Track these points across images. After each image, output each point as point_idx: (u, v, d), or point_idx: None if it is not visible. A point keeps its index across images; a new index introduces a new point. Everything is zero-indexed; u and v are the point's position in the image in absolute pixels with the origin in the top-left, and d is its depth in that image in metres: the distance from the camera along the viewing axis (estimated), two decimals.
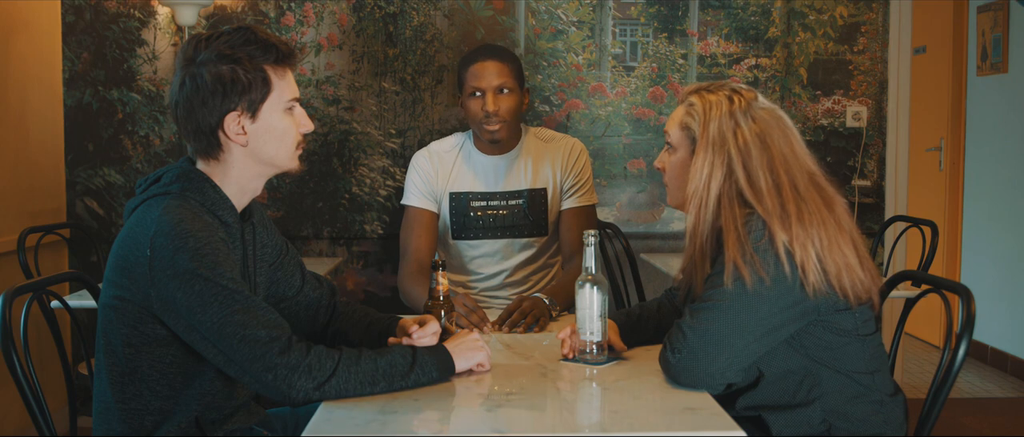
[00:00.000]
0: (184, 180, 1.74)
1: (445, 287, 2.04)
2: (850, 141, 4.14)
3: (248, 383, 1.65)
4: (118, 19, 3.97)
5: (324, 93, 4.01)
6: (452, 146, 2.82)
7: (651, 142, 4.11)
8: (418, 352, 1.74)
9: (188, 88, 1.72)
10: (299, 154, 1.82)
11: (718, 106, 1.83)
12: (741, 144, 1.80)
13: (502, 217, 2.77)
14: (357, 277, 4.07)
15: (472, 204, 2.77)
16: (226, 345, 1.61)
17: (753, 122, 1.81)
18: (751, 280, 1.69)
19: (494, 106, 2.63)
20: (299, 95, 1.81)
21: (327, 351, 1.65)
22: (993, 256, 4.96)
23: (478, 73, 2.65)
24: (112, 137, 3.99)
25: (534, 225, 2.78)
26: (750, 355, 1.73)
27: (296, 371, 1.60)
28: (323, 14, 4.01)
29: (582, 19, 4.09)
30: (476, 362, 1.81)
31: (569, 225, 2.76)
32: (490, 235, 2.78)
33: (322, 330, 2.04)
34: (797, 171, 1.80)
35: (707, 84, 1.90)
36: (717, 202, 1.80)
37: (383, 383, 1.67)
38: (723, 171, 1.80)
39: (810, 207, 1.75)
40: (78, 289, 3.33)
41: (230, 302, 1.61)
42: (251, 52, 1.72)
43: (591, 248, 1.89)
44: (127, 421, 1.71)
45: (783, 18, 4.11)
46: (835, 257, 1.73)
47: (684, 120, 1.88)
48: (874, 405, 1.81)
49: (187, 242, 1.62)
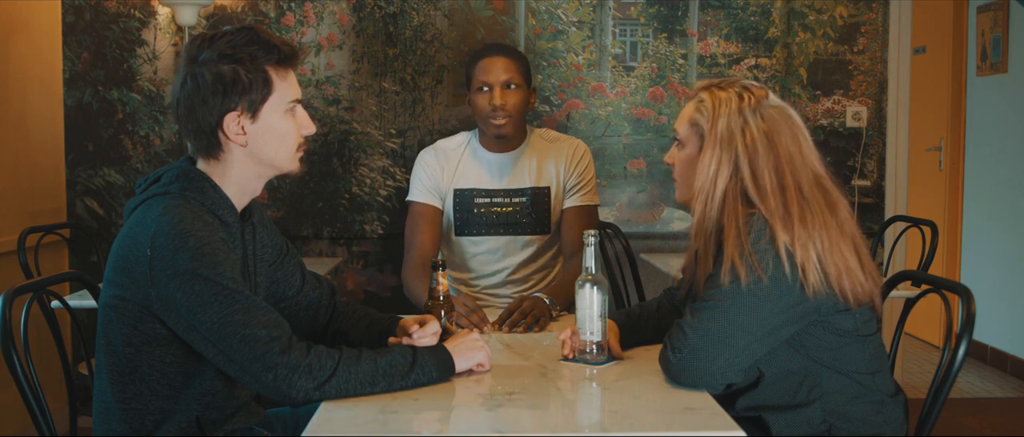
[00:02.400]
0: (184, 180, 1.73)
1: (445, 287, 2.04)
2: (850, 141, 4.14)
3: (248, 383, 1.65)
4: (118, 19, 3.97)
5: (324, 93, 4.01)
6: (458, 144, 2.84)
7: (651, 142, 4.11)
8: (418, 352, 1.74)
9: (189, 87, 1.73)
10: (300, 156, 1.82)
11: (727, 103, 1.82)
12: (748, 142, 1.79)
13: (505, 214, 2.78)
14: (357, 277, 4.07)
15: (476, 201, 2.78)
16: (226, 345, 1.61)
17: (762, 120, 1.81)
18: (747, 278, 1.69)
19: (501, 100, 2.66)
20: (301, 97, 1.81)
21: (327, 351, 1.65)
22: (993, 256, 4.96)
23: (486, 68, 2.69)
24: (112, 137, 3.99)
25: (537, 223, 2.79)
26: (751, 355, 1.73)
27: (296, 371, 1.60)
28: (323, 14, 4.01)
29: (582, 19, 4.09)
30: (476, 362, 1.81)
31: (570, 224, 2.77)
32: (492, 232, 2.79)
33: (322, 330, 2.04)
34: (802, 172, 1.79)
35: (718, 80, 1.90)
36: (722, 199, 1.79)
37: (383, 383, 1.67)
38: (730, 168, 1.80)
39: (813, 209, 1.75)
40: (78, 289, 3.33)
41: (230, 302, 1.61)
42: (253, 52, 1.72)
43: (591, 248, 1.89)
44: (127, 421, 1.71)
45: (783, 18, 4.11)
46: (836, 259, 1.73)
47: (693, 116, 1.87)
48: (874, 405, 1.81)
49: (187, 241, 1.62)
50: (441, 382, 1.76)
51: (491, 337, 2.18)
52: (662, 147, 4.08)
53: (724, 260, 1.73)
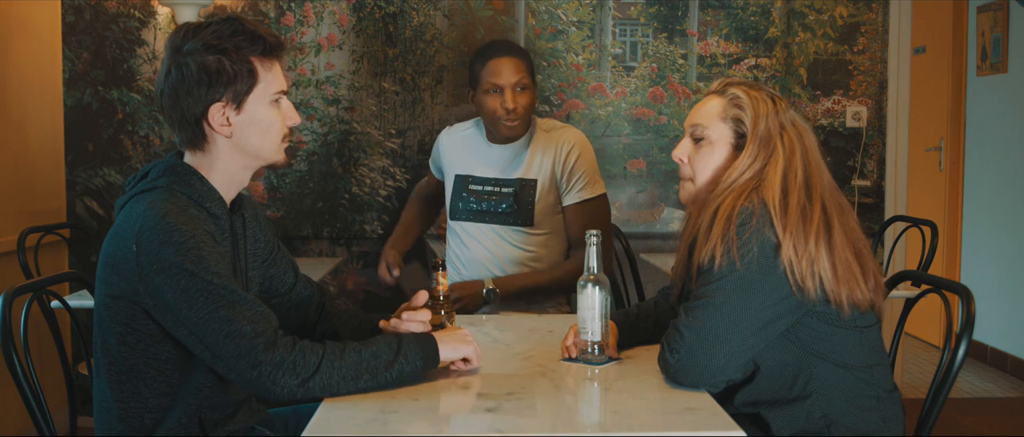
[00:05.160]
0: (170, 174, 1.73)
1: (445, 287, 2.04)
2: (850, 141, 4.14)
3: (235, 380, 1.65)
4: (118, 19, 3.97)
5: (324, 93, 4.01)
6: (466, 129, 2.94)
7: (651, 142, 4.11)
8: (403, 340, 1.73)
9: (174, 77, 1.72)
10: (285, 147, 1.82)
11: (766, 104, 1.84)
12: (787, 144, 1.80)
13: (490, 203, 2.80)
14: (357, 277, 4.07)
15: (470, 187, 2.83)
16: (212, 341, 1.61)
17: (793, 126, 1.84)
18: (721, 263, 1.69)
19: (513, 103, 2.69)
20: (287, 88, 1.81)
21: (312, 346, 1.65)
22: (993, 256, 4.96)
23: (497, 70, 2.70)
24: (112, 137, 3.99)
25: (518, 214, 2.78)
26: (748, 350, 1.73)
27: (280, 368, 1.60)
28: (323, 14, 4.01)
29: (582, 19, 4.09)
30: (462, 355, 1.79)
31: (570, 222, 2.79)
32: (480, 219, 2.82)
33: (311, 328, 2.04)
34: (825, 177, 1.82)
35: (740, 80, 1.90)
36: (728, 194, 1.79)
37: (367, 376, 1.66)
38: (759, 166, 1.80)
39: (830, 213, 1.76)
40: (78, 289, 3.33)
41: (215, 297, 1.61)
42: (238, 43, 1.72)
43: (594, 248, 1.88)
44: (126, 420, 1.71)
45: (783, 18, 4.11)
46: (838, 266, 1.73)
47: (732, 112, 1.86)
48: (871, 400, 1.81)
49: (172, 236, 1.61)
50: (428, 369, 1.74)
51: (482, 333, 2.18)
52: (662, 147, 4.08)
53: (707, 247, 1.73)
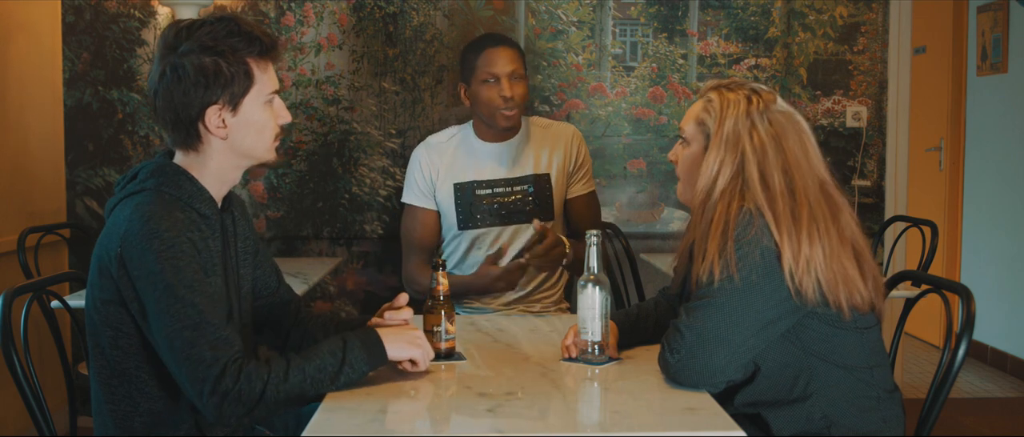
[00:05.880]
0: (159, 175, 1.71)
1: (445, 287, 2.04)
2: (850, 141, 4.14)
3: (189, 398, 1.63)
4: (118, 19, 3.97)
5: (324, 93, 4.01)
6: (449, 137, 2.85)
7: (651, 142, 4.11)
8: (348, 345, 1.70)
9: (168, 78, 1.69)
10: (276, 145, 1.81)
11: (736, 105, 1.83)
12: (756, 145, 1.80)
13: (508, 203, 2.78)
14: (357, 277, 4.07)
15: (477, 192, 2.79)
16: (171, 358, 1.60)
17: (769, 125, 1.82)
18: (721, 275, 1.69)
19: (511, 91, 2.67)
20: (280, 87, 1.80)
21: (257, 371, 1.60)
22: (993, 256, 4.96)
23: (492, 59, 2.69)
24: (112, 137, 3.99)
25: (540, 210, 2.79)
26: (748, 350, 1.73)
27: (226, 398, 1.57)
28: (323, 14, 4.01)
29: (582, 19, 4.09)
30: (409, 356, 1.77)
31: (581, 214, 2.82)
32: (497, 222, 2.79)
33: (286, 333, 2.02)
34: (809, 177, 1.80)
35: (728, 81, 1.90)
36: (718, 199, 1.80)
37: (313, 392, 1.64)
38: (732, 169, 1.80)
39: (816, 214, 1.75)
40: (78, 289, 3.33)
41: (182, 316, 1.58)
42: (234, 44, 1.69)
43: (594, 248, 1.88)
44: (117, 424, 1.70)
45: (783, 18, 4.11)
46: (835, 270, 1.73)
47: (700, 115, 1.88)
48: (871, 400, 1.81)
49: (153, 243, 1.60)
50: (376, 368, 1.72)
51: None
52: (662, 147, 4.08)
53: (707, 254, 1.73)
